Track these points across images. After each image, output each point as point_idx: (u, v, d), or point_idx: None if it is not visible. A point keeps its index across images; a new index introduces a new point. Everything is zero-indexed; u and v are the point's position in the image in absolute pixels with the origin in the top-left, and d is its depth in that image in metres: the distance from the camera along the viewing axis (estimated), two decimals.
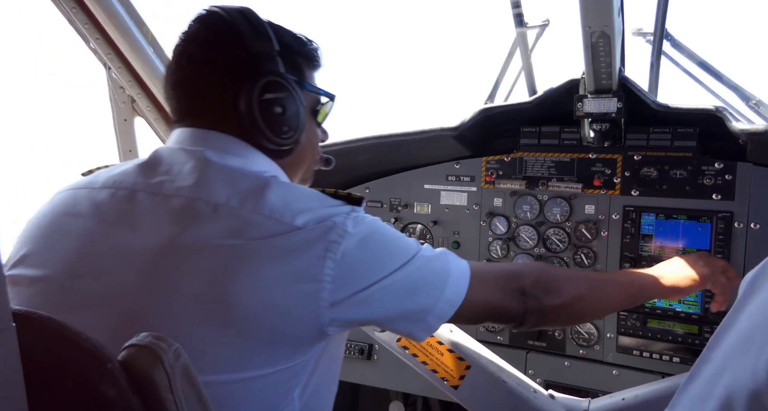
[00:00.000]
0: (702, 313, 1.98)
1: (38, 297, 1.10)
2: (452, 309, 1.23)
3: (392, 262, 1.16)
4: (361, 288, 1.11)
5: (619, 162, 2.08)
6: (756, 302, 0.81)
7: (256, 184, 1.14)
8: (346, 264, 1.09)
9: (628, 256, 2.06)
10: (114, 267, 1.08)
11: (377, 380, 2.30)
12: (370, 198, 2.48)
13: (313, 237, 1.08)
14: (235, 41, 1.20)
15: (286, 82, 1.22)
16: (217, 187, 1.12)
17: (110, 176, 1.21)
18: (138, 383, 0.79)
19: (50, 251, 1.15)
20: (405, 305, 1.18)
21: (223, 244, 1.05)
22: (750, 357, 0.73)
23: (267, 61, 1.21)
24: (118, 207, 1.15)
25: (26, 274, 1.14)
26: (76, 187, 1.24)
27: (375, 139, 2.27)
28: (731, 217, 1.91)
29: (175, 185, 1.14)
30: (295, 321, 1.07)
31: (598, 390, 2.08)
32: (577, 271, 1.87)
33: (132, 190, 1.16)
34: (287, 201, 1.11)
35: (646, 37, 2.89)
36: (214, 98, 1.23)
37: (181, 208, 1.10)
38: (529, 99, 2.14)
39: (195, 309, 1.02)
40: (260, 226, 1.07)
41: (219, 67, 1.21)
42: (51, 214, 1.21)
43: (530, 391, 1.77)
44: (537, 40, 2.94)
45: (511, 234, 2.27)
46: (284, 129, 1.24)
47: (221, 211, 1.08)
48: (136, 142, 2.35)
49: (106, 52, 2.13)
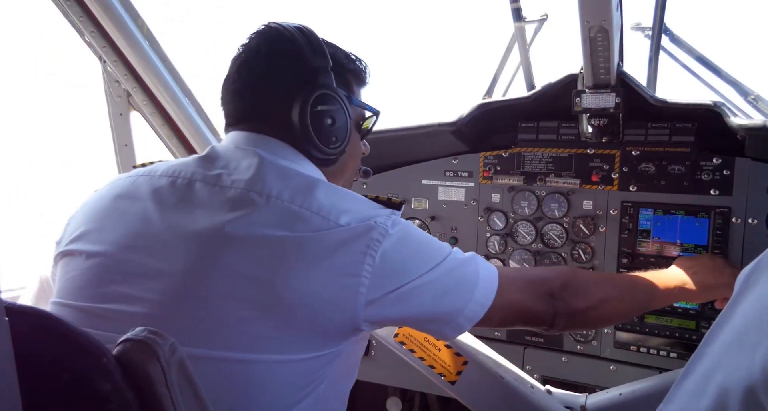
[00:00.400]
0: (699, 308, 1.97)
1: (95, 269, 1.19)
2: (482, 310, 1.28)
3: (426, 263, 1.21)
4: (397, 287, 1.17)
5: (617, 157, 2.08)
6: (750, 299, 0.81)
7: (307, 182, 1.22)
8: (384, 262, 1.15)
9: (626, 251, 2.06)
10: (168, 246, 1.16)
11: (374, 376, 2.30)
12: (367, 193, 2.47)
13: (356, 234, 1.15)
14: (294, 57, 1.30)
15: (336, 96, 1.33)
16: (270, 180, 1.20)
17: (169, 166, 1.30)
18: (133, 378, 0.79)
19: (108, 229, 1.23)
20: (437, 305, 1.23)
21: (271, 234, 1.12)
22: (745, 353, 0.73)
23: (321, 76, 1.31)
24: (176, 193, 1.23)
25: (84, 248, 1.22)
26: (136, 174, 1.33)
27: (372, 134, 2.25)
28: (729, 213, 1.91)
29: (232, 178, 1.22)
30: (333, 313, 1.13)
31: (595, 385, 2.08)
32: (604, 274, 1.89)
33: (191, 179, 1.25)
34: (333, 201, 1.19)
35: (644, 31, 2.88)
36: (270, 107, 1.32)
37: (235, 197, 1.18)
38: (527, 94, 2.13)
39: (240, 291, 1.09)
40: (308, 220, 1.14)
41: (277, 79, 1.31)
42: (110, 197, 1.29)
43: (527, 387, 1.77)
44: (535, 34, 2.93)
45: (509, 230, 2.26)
46: (333, 139, 1.34)
47: (273, 203, 1.16)
48: (131, 136, 2.34)
49: (101, 45, 2.12)
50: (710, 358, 0.84)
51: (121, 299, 1.13)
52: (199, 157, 1.31)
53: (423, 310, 1.22)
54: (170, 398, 0.80)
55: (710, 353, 0.84)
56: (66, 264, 1.25)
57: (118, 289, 1.14)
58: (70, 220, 1.34)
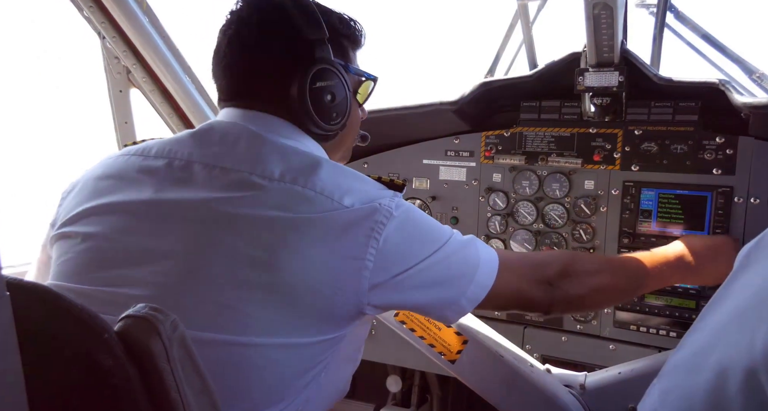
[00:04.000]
0: (699, 287, 1.98)
1: (91, 252, 1.16)
2: (484, 291, 1.27)
3: (430, 247, 1.20)
4: (401, 270, 1.15)
5: (619, 137, 2.06)
6: (750, 276, 0.81)
7: (309, 162, 1.19)
8: (388, 246, 1.13)
9: (627, 231, 2.05)
10: (167, 228, 1.12)
11: (375, 354, 2.31)
12: (368, 173, 2.46)
13: (361, 216, 1.12)
14: (288, 28, 1.23)
15: (335, 70, 1.27)
16: (271, 160, 1.17)
17: (163, 146, 1.25)
18: (135, 354, 0.79)
19: (103, 211, 1.19)
20: (440, 289, 1.22)
21: (274, 216, 1.09)
22: (745, 332, 0.72)
23: (318, 49, 1.24)
24: (174, 175, 1.19)
25: (79, 231, 1.19)
26: (128, 154, 1.27)
27: (373, 113, 2.24)
28: (731, 192, 1.90)
29: (232, 158, 1.18)
30: (336, 296, 1.11)
31: (594, 364, 2.09)
32: (602, 259, 1.82)
33: (188, 161, 1.20)
34: (337, 181, 1.16)
35: (649, 8, 2.85)
36: (265, 83, 1.27)
37: (237, 180, 1.14)
38: (530, 73, 2.11)
39: (241, 273, 1.07)
40: (311, 201, 1.12)
41: (272, 53, 1.25)
42: (103, 177, 1.25)
43: (527, 366, 1.78)
44: (538, 12, 2.89)
45: (510, 209, 2.26)
46: (333, 115, 1.29)
47: (275, 184, 1.13)
48: (131, 113, 2.33)
49: (100, 21, 2.09)
50: (707, 334, 0.83)
51: (119, 282, 1.10)
52: (193, 135, 1.26)
53: (427, 294, 1.21)
54: (171, 374, 0.80)
55: (707, 329, 0.84)
56: (60, 246, 1.21)
57: (115, 272, 1.11)
58: (62, 200, 1.30)
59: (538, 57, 2.73)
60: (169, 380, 0.80)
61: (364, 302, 1.15)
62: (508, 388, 1.75)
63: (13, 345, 0.65)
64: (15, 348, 0.65)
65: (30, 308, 0.77)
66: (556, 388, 1.77)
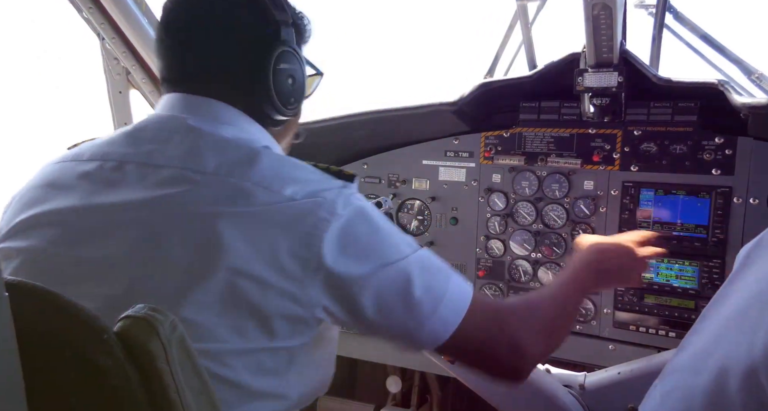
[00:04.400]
0: (699, 288, 1.98)
1: (24, 266, 1.09)
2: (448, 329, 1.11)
3: (377, 260, 1.07)
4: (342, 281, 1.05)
5: (618, 137, 2.07)
6: (751, 276, 0.81)
7: (248, 153, 1.12)
8: (328, 250, 1.03)
9: (627, 231, 2.05)
10: (103, 234, 1.07)
11: (374, 355, 2.31)
12: (368, 174, 2.47)
13: (302, 212, 1.04)
14: (255, 8, 1.17)
15: (297, 54, 1.22)
16: (206, 156, 1.10)
17: (97, 148, 1.19)
18: (134, 354, 0.79)
19: (36, 223, 1.13)
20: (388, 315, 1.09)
21: (210, 211, 1.03)
22: (745, 332, 0.72)
23: (283, 31, 1.19)
24: (106, 178, 1.12)
25: (13, 246, 1.12)
26: (63, 160, 1.22)
27: (373, 114, 2.24)
28: (730, 193, 1.90)
29: (165, 155, 1.11)
30: (280, 300, 1.03)
31: (594, 365, 2.09)
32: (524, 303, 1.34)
33: (120, 162, 1.13)
34: (277, 170, 1.09)
35: (648, 9, 2.85)
36: (222, 64, 1.19)
37: (170, 177, 1.08)
38: (529, 73, 2.11)
39: (186, 277, 1.00)
40: (249, 193, 1.05)
41: (237, 32, 1.18)
42: (39, 187, 1.19)
43: None
44: (538, 12, 2.89)
45: (510, 210, 2.26)
46: (291, 100, 1.23)
47: (210, 179, 1.06)
48: (131, 114, 2.33)
49: (99, 22, 2.09)
50: (708, 335, 0.83)
51: None
52: (127, 134, 1.19)
53: (371, 313, 1.08)
54: (171, 374, 0.80)
55: (708, 329, 0.84)
56: (2, 261, 1.12)
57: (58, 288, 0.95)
58: (3, 214, 1.22)
59: (538, 57, 2.73)
60: (168, 381, 0.80)
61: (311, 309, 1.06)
62: (508, 388, 1.75)
63: (13, 345, 0.65)
64: (14, 348, 0.65)
65: (29, 309, 0.76)
66: (555, 388, 1.78)
